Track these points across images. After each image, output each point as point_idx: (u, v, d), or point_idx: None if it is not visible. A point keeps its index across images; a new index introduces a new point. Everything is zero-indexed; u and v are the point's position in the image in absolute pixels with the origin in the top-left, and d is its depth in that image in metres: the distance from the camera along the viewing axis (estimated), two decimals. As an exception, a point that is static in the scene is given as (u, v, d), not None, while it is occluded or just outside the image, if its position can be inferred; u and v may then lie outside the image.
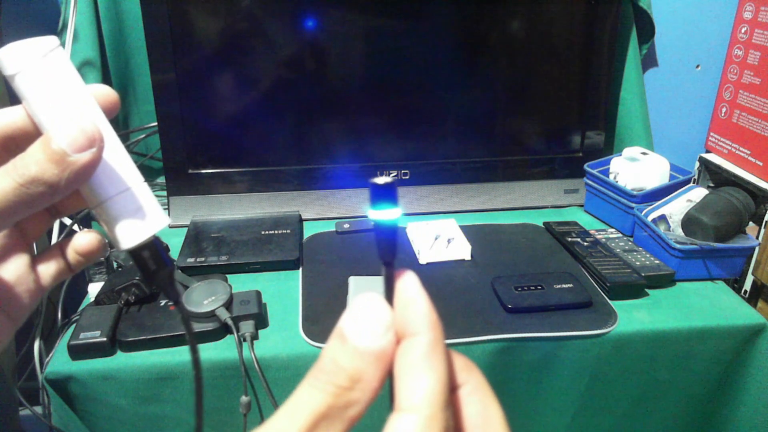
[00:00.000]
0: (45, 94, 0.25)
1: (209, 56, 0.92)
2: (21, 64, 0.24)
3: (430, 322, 0.21)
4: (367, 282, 0.78)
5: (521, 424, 0.77)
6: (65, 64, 0.26)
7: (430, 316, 0.21)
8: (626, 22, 1.05)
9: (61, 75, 0.25)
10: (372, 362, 0.20)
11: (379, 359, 0.20)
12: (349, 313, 0.21)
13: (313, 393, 0.19)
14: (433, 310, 0.21)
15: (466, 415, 0.21)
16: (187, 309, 0.69)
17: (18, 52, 0.25)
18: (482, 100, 1.03)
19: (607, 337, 0.72)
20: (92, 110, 0.26)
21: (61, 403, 0.66)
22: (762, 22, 1.00)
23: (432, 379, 0.19)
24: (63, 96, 0.25)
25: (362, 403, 0.20)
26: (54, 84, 0.25)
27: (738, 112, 1.07)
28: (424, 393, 0.19)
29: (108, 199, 0.26)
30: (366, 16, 0.94)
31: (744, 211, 0.84)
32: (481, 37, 0.99)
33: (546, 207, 1.06)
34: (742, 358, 0.76)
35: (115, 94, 0.27)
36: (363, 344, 0.20)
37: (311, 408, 0.19)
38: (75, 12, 0.89)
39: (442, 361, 0.20)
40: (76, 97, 0.26)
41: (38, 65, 0.25)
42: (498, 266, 0.85)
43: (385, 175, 0.21)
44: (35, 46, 0.25)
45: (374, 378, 0.20)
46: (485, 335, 0.70)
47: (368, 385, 0.20)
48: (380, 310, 0.21)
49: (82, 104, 0.26)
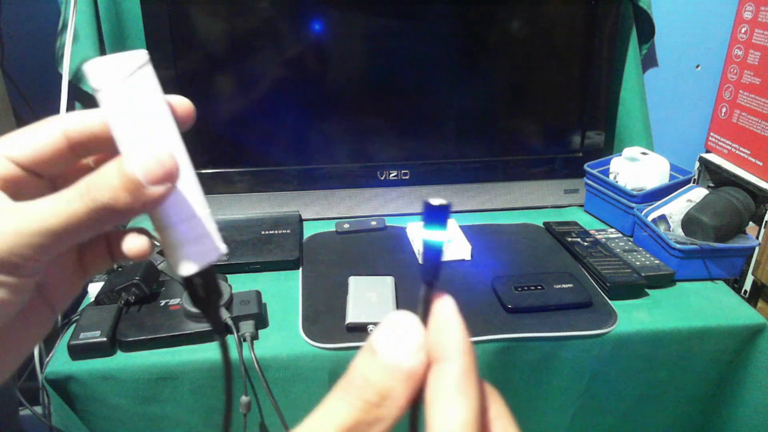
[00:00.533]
0: (126, 115, 0.24)
1: (209, 56, 0.92)
2: (105, 81, 0.24)
3: (465, 348, 0.20)
4: (367, 282, 0.78)
5: (521, 424, 0.76)
6: (150, 83, 0.25)
7: (465, 342, 0.20)
8: (626, 22, 1.05)
9: (144, 96, 0.25)
10: (402, 380, 0.19)
11: (410, 378, 0.20)
12: (382, 328, 0.20)
13: (341, 406, 0.19)
14: (468, 336, 0.20)
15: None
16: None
17: (105, 68, 0.24)
18: (482, 100, 1.03)
19: (607, 337, 0.72)
20: (171, 135, 0.26)
21: (61, 403, 0.66)
22: (762, 22, 1.00)
23: (466, 409, 0.19)
24: (144, 120, 0.25)
25: (389, 421, 0.19)
26: (136, 106, 0.25)
27: (738, 112, 1.07)
28: (458, 422, 0.19)
29: (173, 226, 0.25)
30: (366, 17, 0.94)
31: (744, 211, 0.84)
32: (482, 38, 0.99)
33: (546, 207, 1.06)
34: (742, 358, 0.76)
35: (191, 105, 0.27)
36: (394, 361, 0.19)
37: (338, 421, 0.19)
38: (75, 12, 0.89)
39: (475, 390, 0.20)
40: (157, 120, 0.25)
41: (122, 85, 0.24)
42: (498, 266, 0.85)
43: (437, 197, 0.22)
44: (123, 64, 0.25)
45: (402, 396, 0.19)
46: (485, 335, 0.70)
47: (396, 402, 0.19)
48: (413, 329, 0.20)
49: (162, 129, 0.25)
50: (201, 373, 0.67)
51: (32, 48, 1.01)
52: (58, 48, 0.94)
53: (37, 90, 1.01)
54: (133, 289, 0.72)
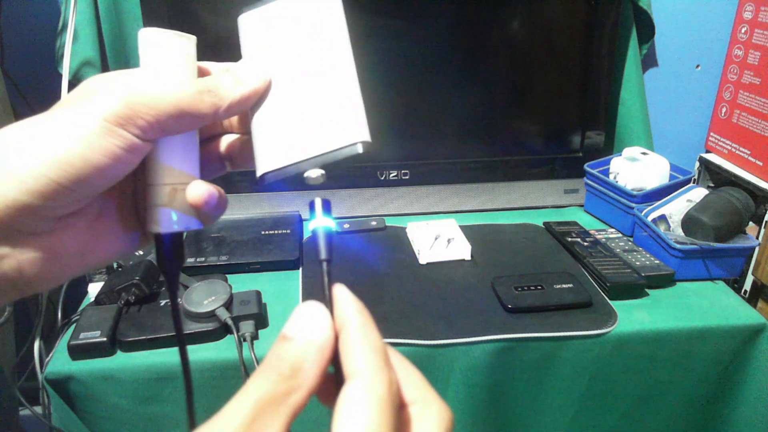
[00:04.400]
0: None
1: (209, 56, 0.92)
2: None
3: (358, 310, 0.23)
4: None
5: (521, 424, 0.77)
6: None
7: (357, 305, 0.23)
8: (626, 22, 1.05)
9: None
10: (311, 352, 0.22)
11: (319, 350, 0.22)
12: (291, 319, 0.23)
13: (257, 382, 0.21)
14: (360, 302, 0.24)
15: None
16: (186, 307, 0.69)
17: None
18: (482, 100, 1.03)
19: (607, 337, 0.72)
20: None
21: (61, 403, 0.66)
22: (762, 22, 1.00)
23: (367, 347, 0.22)
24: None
25: (304, 389, 0.21)
26: None
27: (738, 112, 1.07)
28: (363, 358, 0.22)
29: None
30: (366, 16, 0.94)
31: (744, 211, 0.84)
32: (482, 37, 0.99)
33: (546, 207, 1.06)
34: (742, 358, 0.76)
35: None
36: (303, 338, 0.22)
37: (257, 394, 0.20)
38: (75, 12, 0.89)
39: (374, 333, 0.23)
40: None
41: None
42: (498, 266, 0.85)
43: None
44: None
45: (314, 365, 0.22)
46: (485, 335, 0.70)
47: (309, 372, 0.21)
48: (318, 311, 0.23)
49: None
50: (201, 373, 0.67)
51: (32, 48, 1.01)
52: (58, 48, 0.94)
53: (37, 90, 1.01)
54: (133, 289, 0.72)
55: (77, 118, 0.25)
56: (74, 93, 0.27)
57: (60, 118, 0.25)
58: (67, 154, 0.24)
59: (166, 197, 0.28)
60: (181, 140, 0.28)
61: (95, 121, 0.24)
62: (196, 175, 0.29)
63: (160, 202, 0.28)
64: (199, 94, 0.27)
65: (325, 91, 0.28)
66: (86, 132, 0.24)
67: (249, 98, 0.29)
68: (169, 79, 0.28)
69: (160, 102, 0.26)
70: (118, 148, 0.25)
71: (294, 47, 0.29)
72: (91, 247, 0.28)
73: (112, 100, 0.25)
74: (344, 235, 0.94)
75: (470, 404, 0.73)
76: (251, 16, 0.32)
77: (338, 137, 0.27)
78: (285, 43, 0.30)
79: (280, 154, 0.28)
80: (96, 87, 0.27)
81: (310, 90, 0.28)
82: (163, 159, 0.28)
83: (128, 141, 0.25)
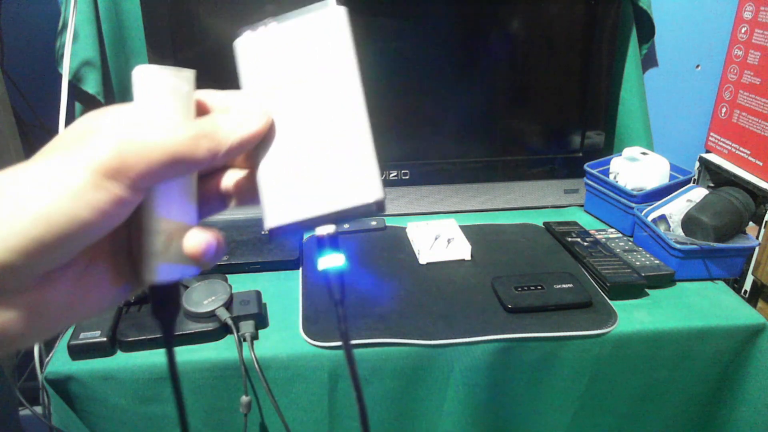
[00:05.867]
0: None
1: (209, 56, 0.92)
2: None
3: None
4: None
5: (521, 424, 0.77)
6: None
7: None
8: (626, 22, 1.05)
9: None
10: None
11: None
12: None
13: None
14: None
15: None
16: (186, 307, 0.69)
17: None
18: (482, 100, 1.03)
19: (607, 337, 0.72)
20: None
21: (61, 403, 0.66)
22: (762, 22, 1.00)
23: None
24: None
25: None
26: None
27: (738, 112, 1.07)
28: None
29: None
30: (366, 16, 0.94)
31: (744, 211, 0.84)
32: (482, 37, 0.99)
33: (546, 207, 1.06)
34: (742, 358, 0.76)
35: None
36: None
37: None
38: (75, 12, 0.89)
39: None
40: None
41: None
42: (498, 266, 0.85)
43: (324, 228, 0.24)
44: None
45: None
46: (485, 335, 0.70)
47: None
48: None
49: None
50: (201, 373, 0.67)
51: (32, 48, 1.01)
52: (58, 48, 0.94)
53: (37, 90, 1.01)
54: (133, 289, 0.72)
55: (62, 169, 0.23)
56: (63, 136, 0.25)
57: (44, 168, 0.23)
58: (51, 209, 0.22)
59: (161, 245, 0.26)
60: (177, 184, 0.26)
61: (81, 174, 0.23)
62: (193, 220, 0.27)
63: (155, 250, 0.26)
64: (195, 139, 0.25)
65: (335, 139, 0.26)
66: (71, 185, 0.23)
67: (249, 142, 0.27)
68: (164, 121, 0.26)
69: (153, 150, 0.24)
70: (106, 203, 0.23)
71: (299, 80, 0.27)
72: (80, 301, 0.26)
73: (101, 149, 0.23)
74: (344, 235, 0.94)
75: (470, 404, 0.73)
76: (249, 40, 0.29)
77: (352, 196, 0.25)
78: (288, 75, 0.27)
79: (289, 208, 0.26)
80: (85, 130, 0.25)
81: (320, 135, 0.26)
82: (157, 205, 0.26)
83: (117, 195, 0.23)
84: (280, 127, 0.27)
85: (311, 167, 0.26)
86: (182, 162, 0.25)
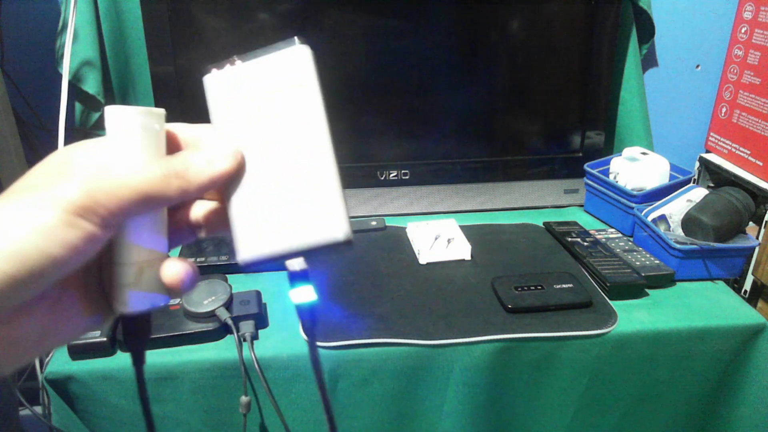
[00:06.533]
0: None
1: (209, 56, 0.92)
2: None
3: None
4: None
5: (521, 424, 0.77)
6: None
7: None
8: (626, 22, 1.05)
9: None
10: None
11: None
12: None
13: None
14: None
15: None
16: (186, 307, 0.69)
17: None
18: (482, 100, 1.03)
19: (607, 337, 0.72)
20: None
21: (61, 403, 0.66)
22: (762, 22, 1.00)
23: None
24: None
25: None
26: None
27: (738, 112, 1.07)
28: None
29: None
30: (366, 16, 0.94)
31: (744, 211, 0.84)
32: (482, 37, 0.99)
33: (546, 207, 1.06)
34: (742, 358, 0.76)
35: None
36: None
37: None
38: (75, 12, 0.89)
39: None
40: None
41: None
42: (498, 266, 0.85)
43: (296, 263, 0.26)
44: None
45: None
46: (485, 335, 0.70)
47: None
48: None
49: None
50: (201, 373, 0.67)
51: (32, 48, 1.01)
52: (58, 48, 0.94)
53: (37, 90, 1.01)
54: (133, 289, 0.72)
55: (34, 207, 0.23)
56: (35, 173, 0.26)
57: (15, 206, 0.24)
58: (23, 246, 0.23)
59: (133, 276, 0.27)
60: (148, 218, 0.27)
61: (53, 212, 0.23)
62: (164, 250, 0.28)
63: (126, 281, 0.27)
64: (166, 178, 0.26)
65: (303, 177, 0.27)
66: (44, 223, 0.23)
67: (220, 180, 0.27)
68: (135, 159, 0.27)
69: (123, 188, 0.25)
70: (77, 240, 0.24)
71: (266, 118, 0.28)
72: (52, 331, 0.27)
73: (72, 187, 0.24)
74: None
75: (470, 404, 0.73)
76: (218, 78, 0.30)
77: (320, 233, 0.27)
78: (256, 113, 0.28)
79: (260, 242, 0.27)
80: (57, 167, 0.25)
81: (288, 173, 0.27)
82: (129, 238, 0.27)
83: (88, 232, 0.24)
84: (251, 163, 0.28)
85: (281, 203, 0.27)
86: (153, 200, 0.26)
